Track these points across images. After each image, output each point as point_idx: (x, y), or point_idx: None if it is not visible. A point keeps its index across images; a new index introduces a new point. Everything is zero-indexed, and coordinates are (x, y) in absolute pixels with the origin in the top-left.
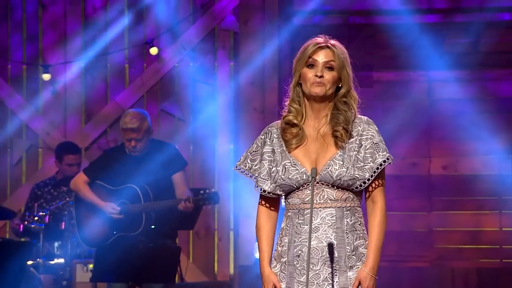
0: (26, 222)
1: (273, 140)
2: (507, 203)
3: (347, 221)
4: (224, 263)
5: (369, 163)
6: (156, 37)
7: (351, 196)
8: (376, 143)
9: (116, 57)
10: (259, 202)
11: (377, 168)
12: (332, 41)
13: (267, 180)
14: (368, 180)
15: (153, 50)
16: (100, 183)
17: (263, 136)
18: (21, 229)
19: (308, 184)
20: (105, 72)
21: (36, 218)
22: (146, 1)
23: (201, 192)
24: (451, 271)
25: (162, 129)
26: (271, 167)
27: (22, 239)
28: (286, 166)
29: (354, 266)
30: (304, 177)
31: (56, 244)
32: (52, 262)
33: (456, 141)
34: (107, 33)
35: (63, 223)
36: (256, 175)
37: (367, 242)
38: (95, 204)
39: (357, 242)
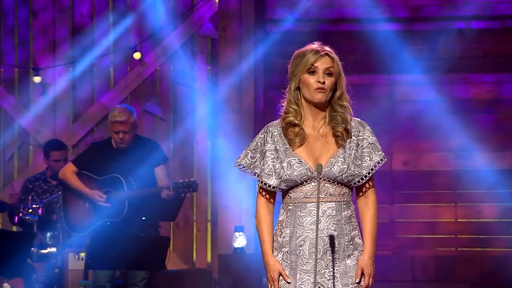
0: (21, 214)
1: (274, 139)
2: (461, 196)
3: (344, 214)
4: (201, 252)
5: (367, 161)
6: (139, 43)
7: (347, 191)
8: (372, 143)
9: (102, 61)
10: (258, 197)
11: (375, 166)
12: (327, 48)
13: (272, 176)
14: (366, 176)
15: (137, 55)
16: (86, 173)
17: (263, 135)
18: (16, 221)
19: (310, 180)
20: (91, 75)
21: (30, 210)
22: (130, 10)
23: (181, 181)
24: (411, 258)
25: (144, 128)
26: (275, 163)
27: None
28: (291, 163)
29: (351, 255)
30: (309, 173)
31: (48, 234)
32: (45, 251)
33: (416, 140)
34: (94, 39)
35: (55, 215)
36: (257, 171)
37: (360, 233)
38: (82, 192)
39: (353, 233)
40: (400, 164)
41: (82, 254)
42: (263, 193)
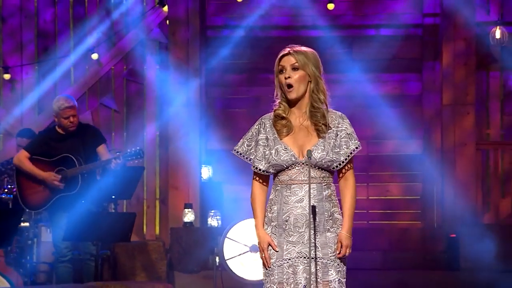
0: None
1: (266, 129)
2: (372, 178)
3: (324, 193)
4: (151, 226)
5: (344, 149)
6: (97, 46)
7: (327, 174)
8: (349, 133)
9: (63, 61)
10: (253, 179)
11: (351, 153)
12: (296, 48)
13: (262, 161)
14: (343, 162)
15: (94, 56)
16: (38, 157)
17: (257, 126)
18: None
19: (295, 165)
20: (54, 73)
21: (5, 190)
22: (88, 16)
23: (128, 150)
24: None
25: (101, 119)
26: (265, 150)
27: None
28: (278, 150)
29: (331, 228)
30: (293, 159)
31: None
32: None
33: None
34: (56, 42)
35: None
36: (252, 157)
37: (340, 209)
38: (36, 176)
39: (333, 209)
40: None
41: None
42: (256, 177)
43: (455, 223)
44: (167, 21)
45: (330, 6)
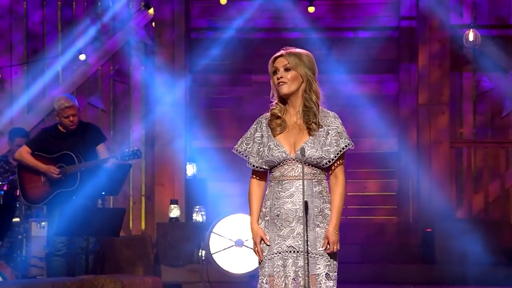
0: None
1: (262, 128)
2: (350, 175)
3: (315, 189)
4: (137, 221)
5: (334, 147)
6: (84, 47)
7: (318, 171)
8: (340, 132)
9: (51, 62)
10: (251, 177)
11: (340, 151)
12: (290, 50)
13: (256, 157)
14: (332, 159)
15: (82, 57)
16: (39, 153)
17: (256, 126)
18: None
19: (286, 161)
20: (43, 73)
21: None
22: (76, 19)
23: (127, 150)
24: None
25: (89, 118)
26: (260, 148)
27: None
28: (270, 147)
29: (321, 224)
30: (284, 155)
31: None
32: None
33: None
34: (44, 43)
35: (17, 190)
36: (248, 155)
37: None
38: (38, 168)
39: (323, 205)
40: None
41: (44, 223)
42: (254, 174)
43: (431, 218)
44: (153, 23)
45: (311, 9)
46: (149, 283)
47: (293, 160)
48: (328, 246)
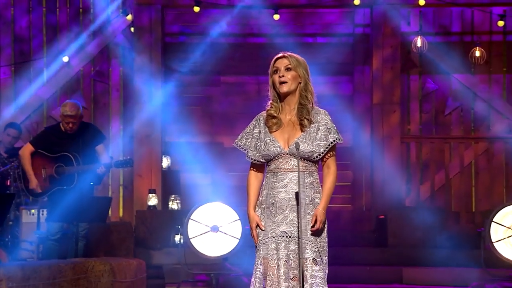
0: None
1: (260, 125)
2: None
3: (306, 180)
4: (115, 209)
5: (323, 141)
6: (67, 49)
7: (310, 164)
8: (329, 128)
9: (37, 63)
10: (250, 168)
11: (329, 145)
12: (289, 53)
13: (254, 151)
14: (322, 153)
15: (65, 58)
16: (41, 151)
17: (254, 122)
18: None
19: (280, 155)
20: (29, 73)
21: None
22: (60, 24)
23: (121, 159)
24: None
25: None
26: (257, 142)
27: None
28: (267, 142)
29: (311, 212)
30: (278, 150)
31: None
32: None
33: None
34: (30, 46)
35: (8, 181)
36: (247, 149)
37: (321, 195)
38: (27, 176)
39: (313, 195)
40: None
41: (33, 211)
42: (252, 166)
43: (383, 206)
44: (132, 29)
45: (276, 17)
46: (134, 265)
47: (287, 154)
48: (315, 223)
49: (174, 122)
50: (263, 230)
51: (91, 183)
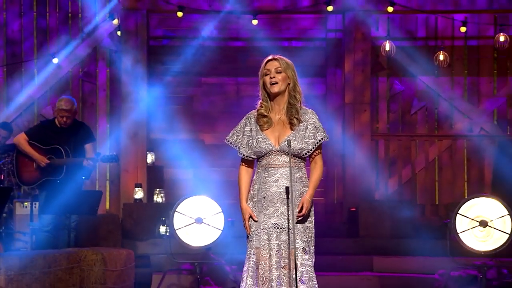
0: None
1: (251, 123)
2: None
3: (296, 175)
4: (102, 202)
5: (312, 139)
6: (56, 51)
7: (299, 160)
8: (317, 126)
9: (28, 64)
10: (240, 164)
11: (317, 143)
12: (278, 56)
13: (246, 148)
14: (311, 150)
15: (55, 60)
16: (34, 143)
17: (245, 121)
18: None
19: (271, 152)
20: (20, 74)
21: None
22: (49, 27)
23: (107, 154)
24: None
25: None
26: (249, 140)
27: None
28: (258, 139)
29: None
30: (270, 147)
31: None
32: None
33: None
34: (22, 48)
35: (2, 175)
36: (239, 146)
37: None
38: (31, 155)
39: (302, 189)
40: None
41: (26, 204)
42: (243, 162)
43: (355, 199)
44: (118, 32)
45: (255, 22)
46: (123, 255)
47: (278, 151)
48: (301, 210)
49: (159, 120)
50: (256, 221)
51: (83, 177)
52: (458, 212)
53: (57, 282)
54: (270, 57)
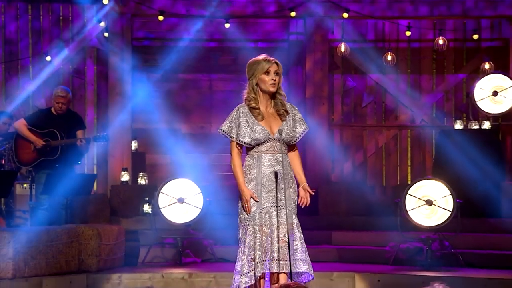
0: None
1: (245, 114)
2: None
3: (287, 160)
4: None
5: (298, 129)
6: (49, 50)
7: (286, 147)
8: (300, 118)
9: (24, 61)
10: (234, 150)
11: (302, 132)
12: (276, 59)
13: (246, 137)
14: (298, 138)
15: (48, 58)
16: (31, 128)
17: (236, 113)
18: None
19: (268, 140)
20: (17, 70)
21: None
22: (43, 28)
23: (98, 134)
24: None
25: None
26: (247, 129)
27: None
28: (257, 129)
29: (292, 186)
30: (268, 135)
31: None
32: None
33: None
34: (18, 47)
35: (3, 160)
36: (233, 135)
37: (293, 171)
38: (29, 138)
39: (291, 172)
40: (215, 129)
41: (26, 185)
42: (237, 148)
43: (315, 181)
44: (106, 34)
45: (227, 25)
46: (115, 230)
47: (273, 139)
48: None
49: (141, 112)
50: (257, 201)
51: (79, 162)
52: (408, 192)
53: (59, 254)
54: (271, 59)
